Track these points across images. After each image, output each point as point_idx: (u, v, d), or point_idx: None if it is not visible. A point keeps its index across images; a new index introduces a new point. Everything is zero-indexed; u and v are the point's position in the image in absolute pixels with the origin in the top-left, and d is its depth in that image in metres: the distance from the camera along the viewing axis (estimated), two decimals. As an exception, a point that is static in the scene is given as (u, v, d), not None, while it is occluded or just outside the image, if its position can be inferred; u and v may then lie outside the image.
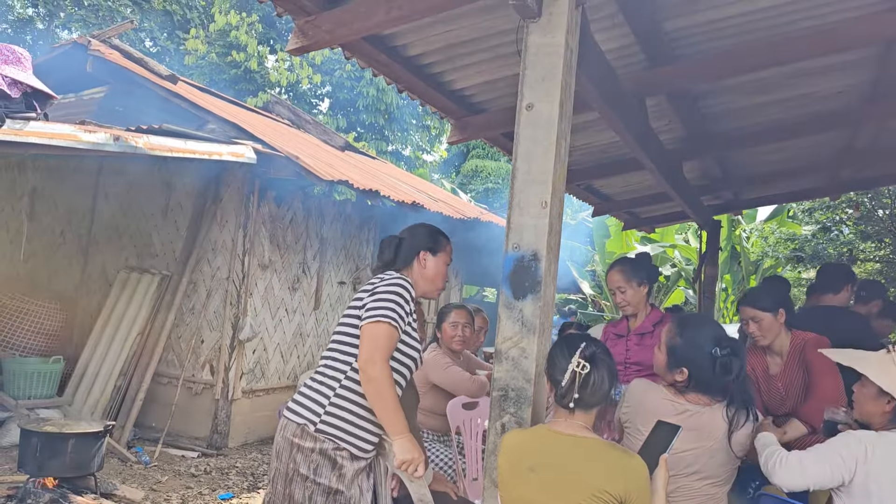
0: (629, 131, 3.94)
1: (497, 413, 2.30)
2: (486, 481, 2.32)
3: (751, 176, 6.98)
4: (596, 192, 7.11)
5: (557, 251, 2.40)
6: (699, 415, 2.44)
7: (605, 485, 1.89)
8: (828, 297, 4.32)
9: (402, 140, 23.13)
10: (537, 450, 2.03)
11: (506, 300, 2.33)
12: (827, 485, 2.09)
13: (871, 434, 2.15)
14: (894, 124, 5.66)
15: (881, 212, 10.98)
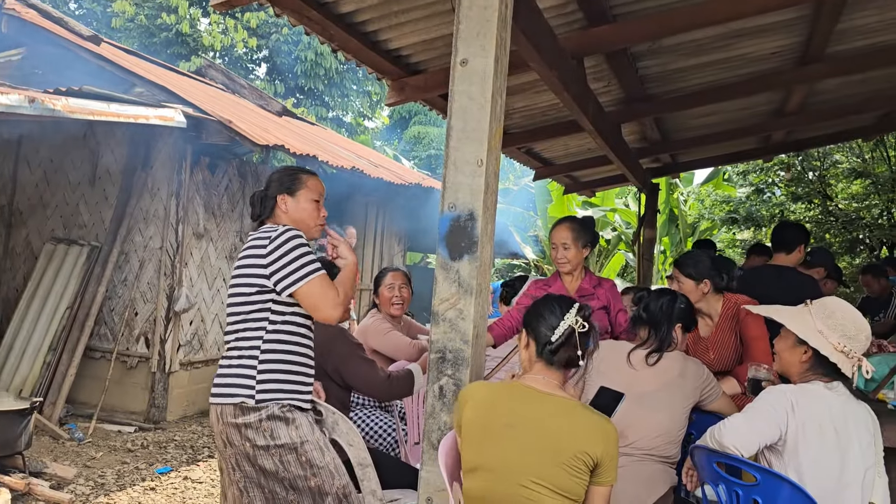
0: (568, 92, 3.90)
1: (435, 375, 2.27)
2: (426, 444, 2.29)
3: (688, 139, 7.09)
4: (537, 155, 7.11)
5: (494, 210, 2.36)
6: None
7: (586, 446, 1.88)
8: (780, 257, 4.24)
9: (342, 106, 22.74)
10: (515, 406, 1.98)
11: (442, 261, 2.28)
12: (770, 439, 2.13)
13: (793, 387, 2.21)
14: (823, 87, 5.82)
15: (811, 174, 11.32)
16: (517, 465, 1.91)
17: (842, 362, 2.15)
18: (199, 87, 8.82)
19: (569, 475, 1.87)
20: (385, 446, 3.64)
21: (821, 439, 2.08)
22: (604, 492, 1.92)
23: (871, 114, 7.04)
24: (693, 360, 2.81)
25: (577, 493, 1.89)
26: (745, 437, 2.10)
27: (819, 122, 6.91)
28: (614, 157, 5.88)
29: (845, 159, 11.33)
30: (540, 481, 1.88)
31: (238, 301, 2.44)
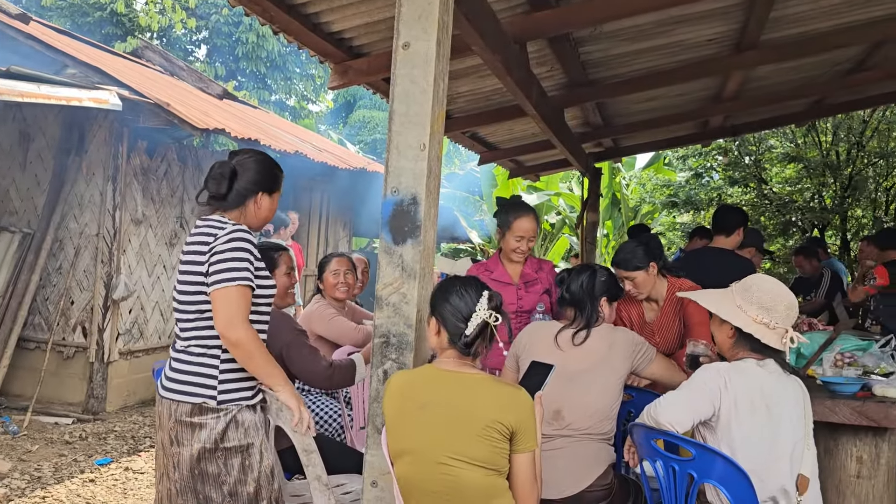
0: (511, 77, 3.92)
1: (379, 360, 2.27)
2: (370, 428, 2.29)
3: (629, 123, 7.20)
4: (481, 140, 7.13)
5: (437, 194, 2.37)
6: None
7: (497, 416, 1.92)
8: (720, 239, 4.31)
9: (285, 89, 22.38)
10: (426, 388, 2.03)
11: (385, 245, 2.28)
12: (705, 414, 2.19)
13: (726, 364, 2.28)
14: (758, 74, 5.98)
15: (747, 158, 11.66)
16: (433, 444, 1.95)
17: (763, 334, 2.21)
18: (136, 68, 8.55)
19: (485, 446, 1.91)
20: (331, 432, 3.63)
21: (752, 415, 2.15)
22: (525, 458, 1.97)
23: (804, 100, 7.29)
24: (621, 329, 2.83)
25: (497, 462, 1.93)
26: (679, 414, 2.16)
27: (754, 108, 7.11)
28: (557, 142, 5.94)
29: (779, 144, 11.71)
30: (457, 456, 1.93)
31: (191, 298, 2.33)
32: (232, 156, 2.49)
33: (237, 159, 2.45)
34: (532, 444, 1.97)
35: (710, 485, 2.10)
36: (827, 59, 5.74)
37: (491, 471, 1.94)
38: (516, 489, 1.98)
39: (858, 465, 3.52)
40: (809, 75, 6.22)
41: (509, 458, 1.97)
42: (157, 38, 19.49)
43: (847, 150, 10.73)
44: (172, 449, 2.31)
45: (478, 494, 1.94)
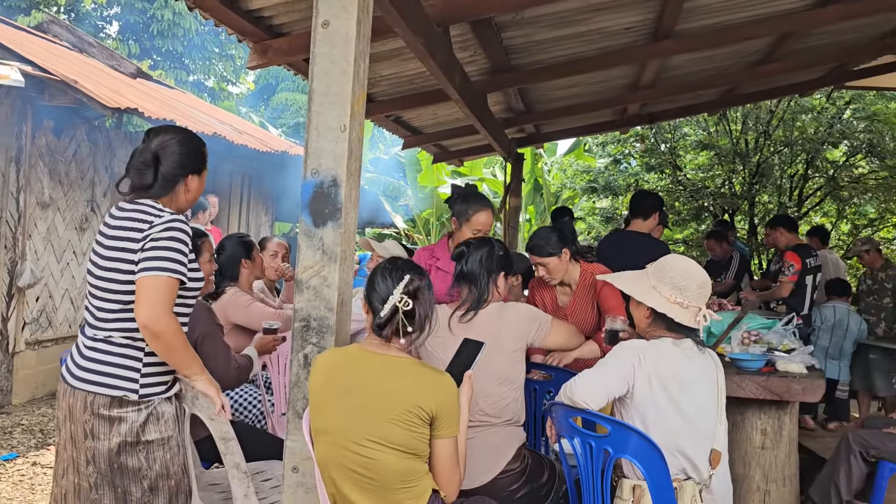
0: (434, 60, 3.91)
1: (299, 344, 2.24)
2: (290, 414, 2.26)
3: (550, 109, 7.31)
4: (405, 124, 7.09)
5: (358, 177, 2.34)
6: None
7: (417, 400, 1.92)
8: (637, 223, 4.44)
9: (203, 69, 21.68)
10: (350, 369, 2.02)
11: (305, 228, 2.24)
12: (619, 391, 2.24)
13: (643, 342, 2.35)
14: (674, 63, 6.16)
15: (663, 146, 12.03)
16: (352, 425, 1.95)
17: (677, 313, 2.28)
18: (41, 43, 8.10)
19: (403, 430, 1.91)
20: (251, 419, 3.56)
21: (665, 391, 2.22)
22: (446, 444, 1.97)
23: (715, 89, 7.56)
24: (511, 304, 2.78)
25: (416, 447, 1.94)
26: (594, 391, 2.21)
27: (670, 97, 7.33)
28: (480, 127, 5.98)
29: (693, 132, 12.13)
30: (375, 439, 1.92)
31: (117, 287, 2.21)
32: (150, 136, 2.34)
33: (157, 143, 2.30)
34: (454, 429, 1.98)
35: (625, 459, 2.17)
36: (737, 51, 5.97)
37: (409, 455, 1.94)
38: (437, 474, 1.99)
39: (763, 436, 3.72)
40: (721, 65, 6.46)
41: (430, 443, 1.97)
42: (65, 12, 18.52)
43: (755, 139, 11.21)
44: (87, 443, 2.20)
45: (395, 477, 1.94)
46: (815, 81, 7.97)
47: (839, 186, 11.04)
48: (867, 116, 10.50)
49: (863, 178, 11.14)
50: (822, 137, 10.44)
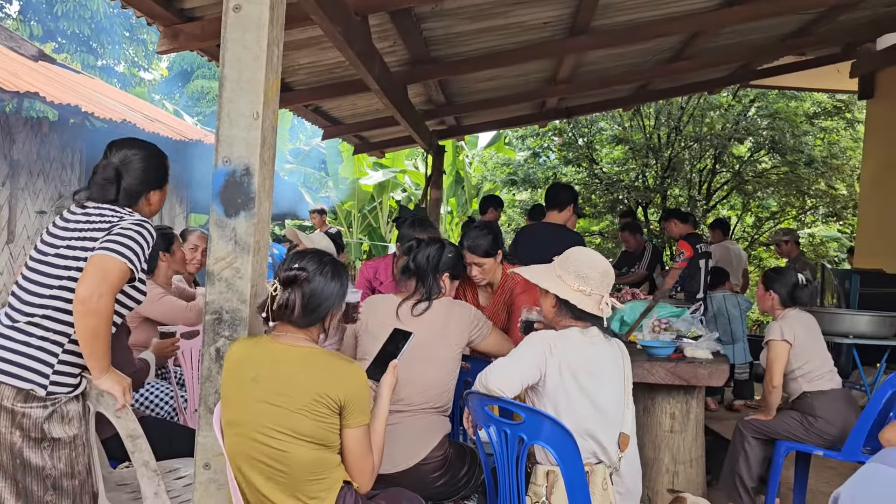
0: (352, 50, 3.87)
1: (211, 337, 2.18)
2: (202, 409, 2.21)
3: (471, 102, 7.36)
4: (325, 114, 7.00)
5: (272, 166, 2.29)
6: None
7: (325, 389, 1.90)
8: (553, 215, 4.50)
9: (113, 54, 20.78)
10: (259, 360, 1.98)
11: (217, 218, 2.18)
12: (532, 379, 2.29)
13: (553, 332, 2.40)
14: (590, 59, 6.31)
15: (580, 140, 12.31)
16: (259, 415, 1.92)
17: (582, 301, 2.34)
18: (-71, 21, 7.58)
19: (311, 420, 1.90)
20: (163, 415, 3.45)
21: (575, 378, 2.28)
22: (357, 433, 1.96)
23: (630, 85, 7.79)
24: (458, 303, 2.86)
25: (325, 437, 1.92)
26: (508, 379, 2.24)
27: (586, 91, 7.51)
28: (401, 118, 5.96)
29: (609, 127, 12.45)
30: (281, 429, 1.90)
31: (55, 283, 2.17)
32: (112, 150, 2.35)
33: (119, 158, 2.33)
34: (364, 418, 1.96)
35: (538, 446, 2.22)
36: (650, 48, 6.16)
37: (318, 445, 1.92)
38: (348, 464, 1.98)
39: (672, 420, 3.87)
40: (634, 62, 6.65)
41: (340, 433, 1.95)
42: (-42, -11, 17.39)
43: (667, 134, 11.60)
44: None
45: (305, 469, 1.92)
46: (722, 80, 8.33)
47: (744, 181, 11.57)
48: (770, 114, 11.03)
49: (766, 173, 11.71)
50: (729, 134, 10.90)
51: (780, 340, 3.64)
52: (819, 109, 11.32)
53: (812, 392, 3.63)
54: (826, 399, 3.60)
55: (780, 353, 3.63)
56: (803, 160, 10.87)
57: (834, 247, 12.45)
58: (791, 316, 3.75)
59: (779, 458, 3.60)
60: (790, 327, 3.66)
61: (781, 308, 3.81)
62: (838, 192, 11.62)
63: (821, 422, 3.55)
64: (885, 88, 7.75)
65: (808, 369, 3.65)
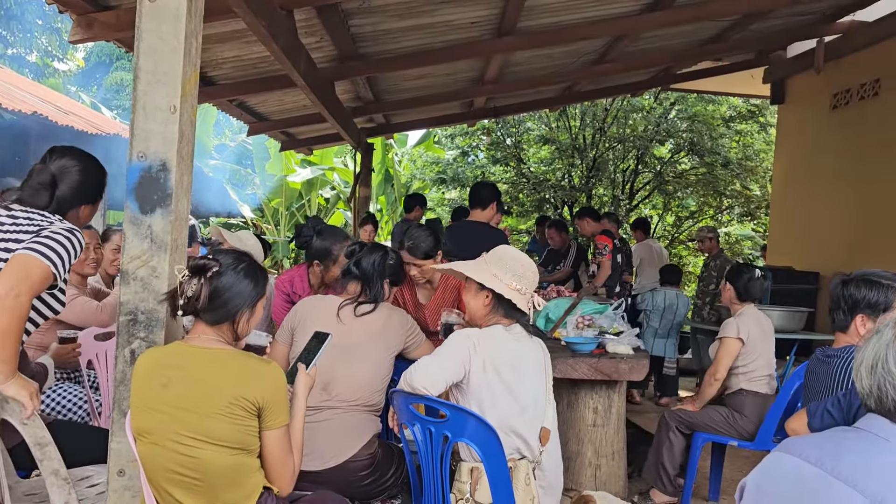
0: (277, 44, 3.80)
1: (125, 339, 2.10)
2: (115, 413, 2.12)
3: (399, 100, 7.35)
4: (250, 109, 6.86)
5: (191, 161, 2.22)
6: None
7: (242, 391, 1.85)
8: (476, 213, 4.56)
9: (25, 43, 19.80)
10: (171, 365, 1.90)
11: (132, 215, 2.10)
12: (457, 377, 2.30)
13: (476, 330, 2.42)
14: (517, 59, 6.39)
15: (508, 139, 12.46)
16: (170, 423, 1.86)
17: (517, 299, 2.38)
18: None
19: (228, 424, 1.84)
20: (76, 420, 3.30)
21: (499, 375, 2.30)
22: (277, 434, 1.91)
23: (556, 86, 7.94)
24: (397, 310, 2.91)
25: (242, 440, 1.87)
26: (432, 377, 2.25)
27: (513, 91, 7.61)
28: (328, 115, 5.90)
29: (536, 127, 12.65)
30: (195, 435, 1.84)
31: None
32: (51, 155, 2.28)
33: (57, 166, 2.26)
34: (283, 419, 1.92)
35: (462, 443, 2.23)
36: (575, 50, 6.29)
37: (237, 450, 1.86)
38: (268, 467, 1.93)
39: (594, 415, 3.95)
40: (560, 63, 6.78)
41: (259, 435, 1.90)
42: None
43: (592, 135, 11.88)
44: None
45: (223, 475, 1.86)
46: (644, 83, 8.59)
47: (665, 181, 11.95)
48: (689, 117, 11.44)
49: (685, 173, 12.13)
50: (651, 135, 11.25)
51: (735, 338, 3.72)
52: (735, 113, 11.81)
53: (748, 391, 3.74)
54: (758, 401, 3.73)
55: (732, 350, 3.72)
56: (720, 162, 11.31)
57: (748, 245, 13.01)
58: (749, 315, 3.83)
59: (696, 449, 3.73)
60: (746, 326, 3.75)
61: (738, 302, 3.89)
62: (752, 192, 12.14)
63: (745, 420, 3.69)
64: (794, 94, 8.13)
65: (751, 368, 3.76)
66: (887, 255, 5.99)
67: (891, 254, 5.95)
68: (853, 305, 2.33)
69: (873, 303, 2.30)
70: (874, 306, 2.29)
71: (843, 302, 2.35)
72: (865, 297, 2.31)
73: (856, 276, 2.37)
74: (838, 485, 1.14)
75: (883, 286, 2.30)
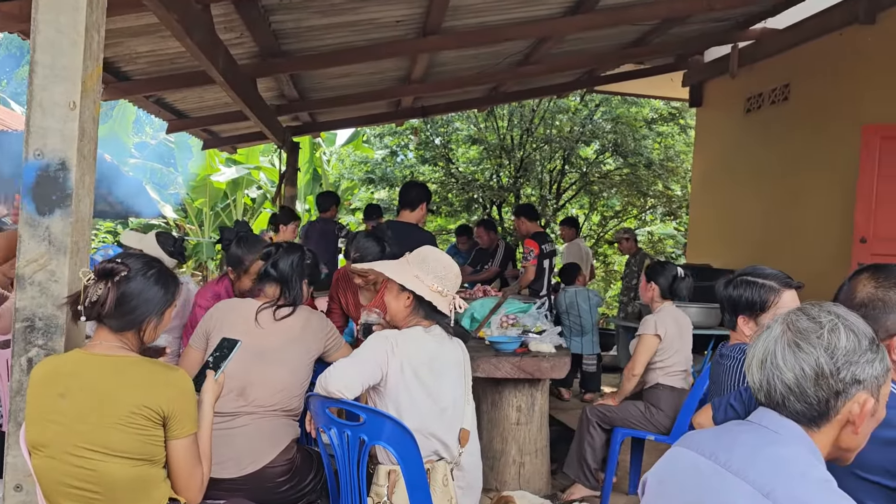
0: (192, 39, 3.68)
1: (22, 347, 1.99)
2: (11, 425, 2.01)
3: (325, 98, 7.25)
4: (169, 106, 6.64)
5: (93, 160, 2.13)
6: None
7: (144, 400, 1.77)
8: (405, 214, 4.48)
9: (-74, 33, 18.62)
10: (69, 374, 1.81)
11: (28, 216, 1.99)
12: (374, 379, 2.26)
13: (395, 331, 2.39)
14: (443, 59, 6.40)
15: (437, 139, 12.48)
16: (68, 434, 1.77)
17: (438, 301, 2.37)
18: None
19: (130, 435, 1.77)
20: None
21: (417, 377, 2.29)
22: (184, 444, 1.85)
23: (483, 86, 7.99)
24: (316, 313, 2.87)
25: (148, 451, 1.80)
26: (348, 380, 2.20)
27: (440, 91, 7.62)
28: (250, 113, 5.77)
29: (465, 127, 12.72)
30: (93, 447, 1.76)
31: None
32: None
33: None
34: (190, 427, 1.85)
35: (379, 446, 2.20)
36: (500, 51, 6.34)
37: (140, 461, 1.78)
38: (176, 478, 1.85)
39: (518, 413, 3.99)
40: (486, 64, 6.82)
41: (166, 445, 1.83)
42: None
43: (520, 136, 12.02)
44: None
45: (125, 488, 1.78)
46: (569, 84, 8.73)
47: (590, 181, 12.20)
48: (613, 119, 11.71)
49: (610, 174, 12.41)
50: (576, 136, 11.46)
51: (653, 335, 3.78)
52: (656, 115, 12.16)
53: (664, 385, 3.83)
54: (673, 396, 3.82)
55: (650, 346, 3.78)
56: (643, 162, 11.63)
57: (670, 243, 13.42)
58: (667, 312, 3.89)
59: (615, 443, 3.81)
60: (663, 323, 3.82)
61: (661, 300, 3.95)
62: (674, 192, 12.52)
63: (661, 414, 3.77)
64: (711, 97, 8.42)
65: (669, 363, 3.84)
66: (798, 253, 6.27)
67: (801, 251, 6.23)
68: (734, 306, 2.35)
69: (750, 302, 2.30)
70: (751, 306, 2.30)
71: (725, 303, 2.37)
72: (742, 298, 2.31)
73: (736, 275, 2.38)
74: (729, 477, 1.17)
75: (758, 285, 2.30)
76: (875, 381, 1.22)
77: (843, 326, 1.23)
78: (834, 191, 5.92)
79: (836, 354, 1.21)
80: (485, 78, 7.22)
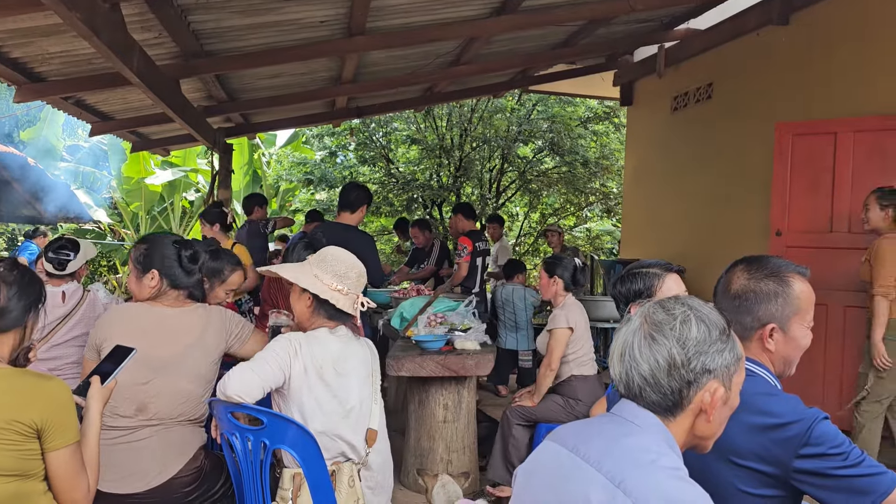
0: (100, 39, 3.59)
1: None
2: None
3: (256, 99, 7.15)
4: (90, 108, 6.44)
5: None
6: (175, 317, 2.58)
7: (14, 414, 1.70)
8: (345, 216, 4.49)
9: None
10: None
11: None
12: (276, 382, 2.22)
13: (300, 333, 2.36)
14: (373, 59, 6.37)
15: (377, 138, 12.45)
16: None
17: (338, 300, 2.34)
18: None
19: (1, 451, 1.70)
20: None
21: (322, 379, 2.27)
22: (63, 455, 1.78)
23: (417, 87, 7.99)
24: (216, 309, 2.76)
25: (20, 466, 1.73)
26: (247, 384, 2.15)
27: (373, 92, 7.59)
28: (173, 115, 5.65)
29: (404, 127, 12.71)
30: None
31: None
32: None
33: None
34: (70, 436, 1.79)
35: (283, 450, 2.18)
36: (429, 51, 6.36)
37: (13, 477, 1.71)
38: (57, 489, 1.79)
39: (445, 411, 4.01)
40: (417, 64, 6.83)
41: (43, 458, 1.76)
42: None
43: (459, 135, 12.07)
44: None
45: None
46: (503, 84, 8.81)
47: (529, 180, 12.33)
48: (549, 118, 11.86)
49: (548, 172, 12.56)
50: (514, 135, 11.57)
51: (565, 328, 3.84)
52: (591, 114, 12.35)
53: (577, 376, 3.90)
54: (588, 384, 3.90)
55: (563, 339, 3.84)
56: (580, 161, 11.80)
57: (608, 239, 13.67)
58: (570, 304, 3.97)
59: (539, 439, 3.85)
60: (573, 315, 3.89)
61: (564, 293, 4.01)
62: (609, 189, 12.74)
63: (581, 405, 3.84)
64: (641, 96, 8.60)
65: (579, 354, 3.91)
66: (722, 248, 6.44)
67: (725, 247, 6.41)
68: (626, 299, 2.43)
69: (638, 291, 2.39)
70: (639, 294, 2.39)
71: (620, 299, 2.46)
72: (631, 290, 2.41)
73: (623, 272, 2.47)
74: (586, 467, 1.20)
75: (643, 274, 2.40)
76: (726, 370, 1.27)
77: (694, 317, 1.27)
78: (752, 187, 6.12)
79: (688, 345, 1.24)
80: (417, 78, 7.22)
